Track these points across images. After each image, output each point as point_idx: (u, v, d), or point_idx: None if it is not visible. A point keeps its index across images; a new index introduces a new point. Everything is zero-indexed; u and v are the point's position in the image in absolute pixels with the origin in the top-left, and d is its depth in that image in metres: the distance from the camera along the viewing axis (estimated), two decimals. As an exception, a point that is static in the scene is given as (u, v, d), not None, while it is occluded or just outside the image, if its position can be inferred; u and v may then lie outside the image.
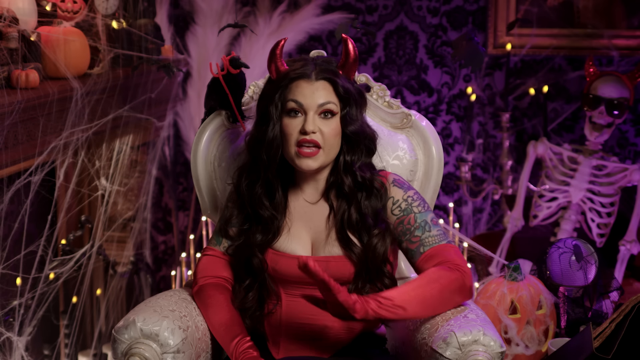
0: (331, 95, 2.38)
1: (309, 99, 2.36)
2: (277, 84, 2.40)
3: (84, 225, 3.52)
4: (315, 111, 2.37)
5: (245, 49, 4.27)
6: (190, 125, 4.32)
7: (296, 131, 2.37)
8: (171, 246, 4.73)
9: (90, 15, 3.43)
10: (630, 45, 4.34)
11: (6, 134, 2.89)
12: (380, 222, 2.42)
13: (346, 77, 2.41)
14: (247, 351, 2.36)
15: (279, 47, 2.41)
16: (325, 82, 2.38)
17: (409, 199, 2.44)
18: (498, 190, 4.27)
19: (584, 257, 2.97)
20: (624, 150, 4.42)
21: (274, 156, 2.40)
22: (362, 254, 2.40)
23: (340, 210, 2.43)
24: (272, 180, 2.43)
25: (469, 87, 4.43)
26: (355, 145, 2.41)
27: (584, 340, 2.60)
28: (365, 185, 2.41)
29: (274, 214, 2.44)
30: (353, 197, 2.41)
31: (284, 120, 2.39)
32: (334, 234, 2.43)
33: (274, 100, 2.39)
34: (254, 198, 2.44)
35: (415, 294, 2.30)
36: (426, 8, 4.49)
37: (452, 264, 2.36)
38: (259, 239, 2.44)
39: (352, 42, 2.40)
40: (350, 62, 2.41)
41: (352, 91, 2.40)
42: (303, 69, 2.38)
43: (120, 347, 2.33)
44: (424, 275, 2.35)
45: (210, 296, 2.47)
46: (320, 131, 2.36)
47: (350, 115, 2.39)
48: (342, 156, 2.42)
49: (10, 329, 3.09)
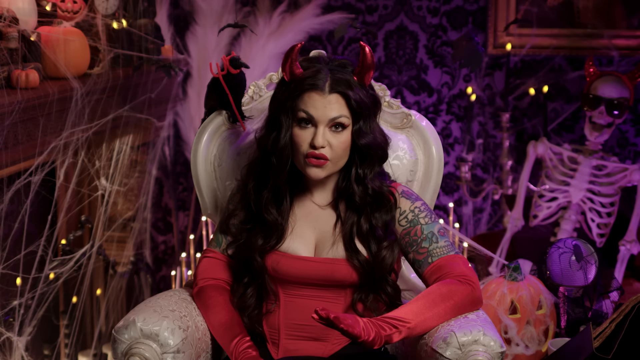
0: (343, 109, 2.36)
1: (320, 111, 2.34)
2: (290, 91, 2.37)
3: (84, 225, 3.52)
4: (325, 124, 2.35)
5: (245, 49, 4.27)
6: (190, 125, 4.32)
7: (306, 143, 2.35)
8: (171, 246, 4.73)
9: (90, 15, 3.43)
10: (630, 45, 4.34)
11: (6, 134, 2.89)
12: (389, 234, 2.42)
13: (361, 85, 2.38)
14: (246, 351, 2.36)
15: (294, 50, 2.37)
16: (338, 96, 2.35)
17: (416, 209, 2.43)
18: (498, 190, 4.27)
19: (584, 257, 2.97)
20: (624, 150, 4.42)
21: (284, 163, 2.39)
22: (368, 263, 2.39)
23: (349, 221, 2.42)
24: (281, 187, 2.43)
25: (469, 87, 4.43)
26: (368, 157, 2.40)
27: (584, 340, 2.60)
28: (376, 197, 2.41)
29: (279, 220, 2.43)
30: (363, 208, 2.41)
31: (295, 130, 2.37)
32: (341, 241, 2.43)
33: (286, 108, 2.38)
34: (260, 202, 2.44)
35: (432, 314, 2.30)
36: (426, 8, 4.49)
37: (461, 277, 2.35)
38: (260, 243, 2.44)
39: (369, 48, 2.36)
40: (367, 69, 2.37)
41: (365, 104, 2.37)
42: (316, 80, 2.35)
43: (120, 347, 2.33)
44: (435, 290, 2.34)
45: (210, 297, 2.47)
46: (330, 144, 2.35)
47: (363, 129, 2.37)
48: (355, 168, 2.40)
49: (10, 329, 3.09)
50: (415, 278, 2.70)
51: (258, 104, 2.76)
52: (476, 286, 2.36)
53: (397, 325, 2.26)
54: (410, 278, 2.73)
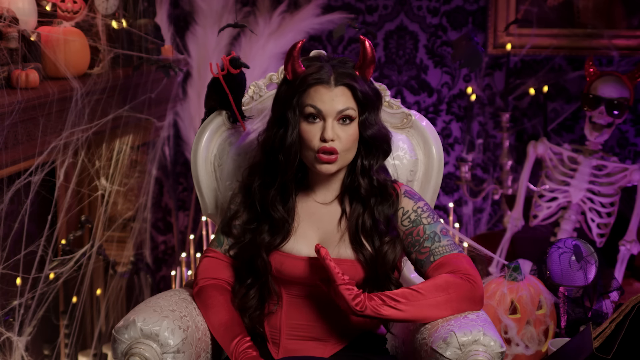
0: (350, 101, 2.37)
1: (327, 105, 2.35)
2: (295, 88, 2.38)
3: (84, 225, 3.52)
4: (334, 117, 2.35)
5: (245, 49, 4.27)
6: (190, 125, 4.32)
7: (316, 138, 2.36)
8: (171, 246, 4.73)
9: (90, 15, 3.43)
10: (630, 45, 4.34)
11: (6, 134, 2.89)
12: (391, 229, 2.42)
13: (363, 78, 2.40)
14: (246, 351, 2.36)
15: (296, 49, 2.38)
16: (344, 88, 2.36)
17: (419, 209, 2.44)
18: (498, 190, 4.27)
19: (584, 257, 2.97)
20: (624, 150, 4.42)
21: (292, 161, 2.39)
22: (372, 259, 2.40)
23: (354, 214, 2.42)
24: (287, 185, 2.43)
25: (469, 87, 4.43)
26: (374, 149, 2.41)
27: (584, 340, 2.60)
28: (380, 189, 2.42)
29: (286, 217, 2.44)
30: (368, 201, 2.42)
31: (302, 126, 2.38)
32: (346, 237, 2.43)
33: (292, 105, 2.38)
34: (267, 200, 2.44)
35: (425, 302, 2.31)
36: (426, 8, 4.49)
37: (463, 274, 2.36)
38: (266, 240, 2.43)
39: (370, 42, 2.38)
40: (368, 63, 2.39)
41: (370, 95, 2.39)
42: (321, 74, 2.36)
43: (120, 347, 2.33)
44: (432, 280, 2.35)
45: (211, 297, 2.47)
46: (339, 137, 2.36)
47: (369, 120, 2.39)
48: (360, 160, 2.42)
49: (10, 329, 3.09)
50: (416, 278, 2.70)
51: (258, 104, 2.76)
52: (477, 285, 2.36)
53: (384, 299, 2.28)
54: (410, 278, 2.73)
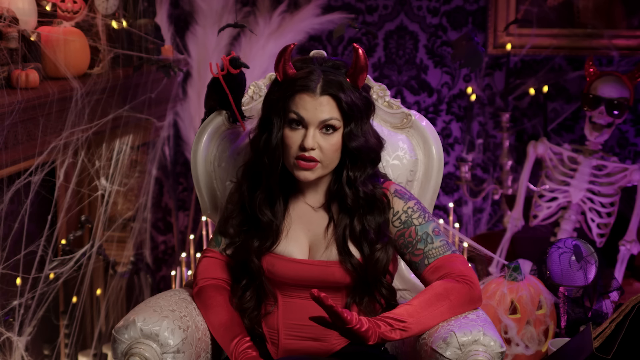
0: (334, 111, 2.34)
1: (310, 113, 2.33)
2: (282, 91, 2.37)
3: (84, 225, 3.52)
4: (316, 126, 2.34)
5: (245, 49, 4.27)
6: (190, 125, 4.32)
7: (296, 145, 2.34)
8: (171, 246, 4.73)
9: (90, 15, 3.43)
10: (630, 45, 4.34)
11: (6, 134, 2.89)
12: (382, 236, 2.41)
13: (353, 87, 2.36)
14: (246, 351, 2.36)
15: (287, 51, 2.36)
16: (329, 98, 2.33)
17: (409, 210, 2.42)
18: (498, 190, 4.27)
19: (584, 257, 2.97)
20: (624, 150, 4.42)
21: (276, 163, 2.38)
22: (361, 266, 2.39)
23: (341, 223, 2.41)
24: (273, 188, 2.42)
25: (469, 87, 4.43)
26: (359, 161, 2.38)
27: (584, 340, 2.60)
28: (367, 200, 2.39)
29: (273, 221, 2.43)
30: (356, 211, 2.40)
31: (285, 131, 2.36)
32: (334, 243, 2.42)
33: (278, 109, 2.37)
34: (254, 203, 2.43)
35: (428, 314, 2.30)
36: (426, 8, 4.49)
37: (459, 276, 2.35)
38: (256, 245, 2.43)
39: (363, 50, 2.35)
40: (359, 71, 2.36)
41: (357, 106, 2.35)
42: (308, 81, 2.33)
43: (120, 347, 2.33)
44: (432, 290, 2.33)
45: (210, 297, 2.47)
46: (320, 147, 2.34)
47: (354, 131, 2.35)
48: (346, 171, 2.39)
49: (10, 329, 3.09)
50: (415, 278, 2.70)
51: (258, 104, 2.76)
52: (474, 285, 2.36)
53: (391, 324, 2.26)
54: (409, 278, 2.73)
